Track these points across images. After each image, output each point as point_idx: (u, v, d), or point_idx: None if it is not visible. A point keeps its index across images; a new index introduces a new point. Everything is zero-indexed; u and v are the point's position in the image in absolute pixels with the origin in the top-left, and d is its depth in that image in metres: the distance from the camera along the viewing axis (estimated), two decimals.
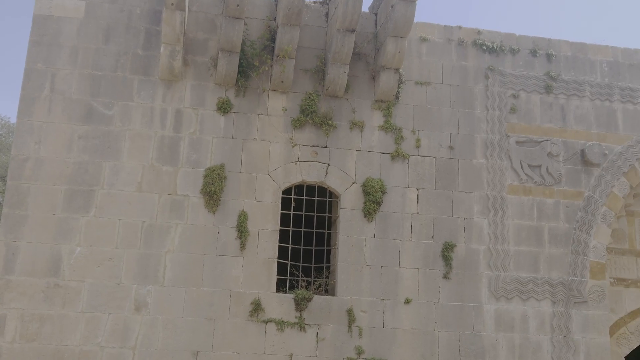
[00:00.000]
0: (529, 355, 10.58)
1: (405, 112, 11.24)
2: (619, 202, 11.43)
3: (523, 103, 11.57)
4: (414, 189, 10.95)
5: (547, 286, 10.86)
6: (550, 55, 11.85)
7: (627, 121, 11.80)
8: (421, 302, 10.52)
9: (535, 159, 11.34)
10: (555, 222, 11.16)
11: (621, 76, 11.99)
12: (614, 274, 11.68)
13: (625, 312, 11.58)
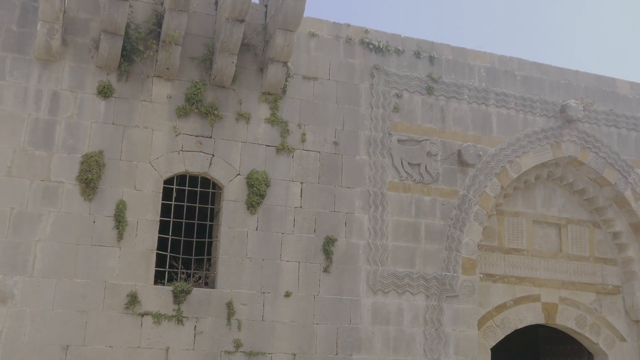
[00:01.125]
0: (402, 347, 10.95)
1: (292, 106, 11.27)
2: (490, 201, 12.03)
3: (406, 103, 11.92)
4: (298, 182, 11.01)
5: (422, 281, 11.26)
6: (433, 58, 12.27)
7: (501, 125, 12.43)
8: (301, 296, 10.61)
9: (415, 157, 11.72)
10: (432, 219, 11.59)
11: (497, 82, 12.62)
12: (484, 270, 12.30)
13: (492, 306, 12.23)
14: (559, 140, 12.69)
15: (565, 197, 13.26)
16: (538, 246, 12.88)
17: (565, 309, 12.73)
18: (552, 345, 14.20)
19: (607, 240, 13.36)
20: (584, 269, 13.06)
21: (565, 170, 13.03)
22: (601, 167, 12.87)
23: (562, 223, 13.10)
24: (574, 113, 12.64)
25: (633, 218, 13.03)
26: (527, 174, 12.65)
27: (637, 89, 13.67)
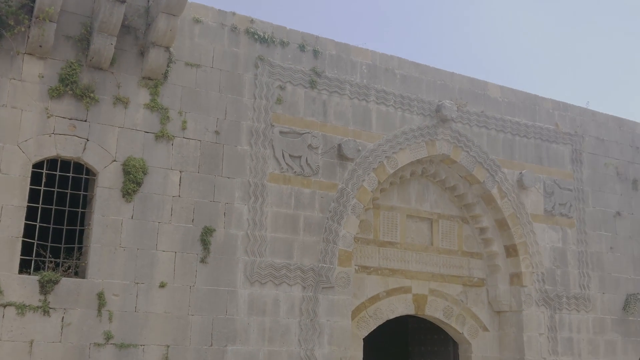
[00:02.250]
0: (277, 338, 11.02)
1: (173, 92, 11.01)
2: (367, 195, 12.34)
3: (289, 95, 11.96)
4: (177, 171, 10.78)
5: (299, 272, 11.38)
6: (317, 52, 12.39)
7: (380, 121, 12.77)
8: (177, 286, 10.42)
9: (296, 149, 11.80)
10: (311, 212, 11.73)
11: (377, 79, 12.93)
12: (359, 262, 12.61)
13: (366, 297, 12.58)
14: (434, 138, 13.21)
15: (438, 193, 13.85)
16: (411, 240, 13.38)
17: (434, 300, 13.31)
18: (421, 334, 14.81)
19: (474, 235, 14.09)
20: (453, 262, 13.71)
21: (439, 167, 13.60)
22: (471, 166, 13.53)
23: (434, 218, 13.68)
24: (449, 113, 13.20)
25: (498, 214, 13.80)
26: (403, 169, 13.08)
27: (506, 93, 14.48)
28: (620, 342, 14.66)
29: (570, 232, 14.51)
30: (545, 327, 13.70)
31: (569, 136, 15.05)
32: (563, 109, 15.19)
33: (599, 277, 14.69)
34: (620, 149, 15.88)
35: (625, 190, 15.67)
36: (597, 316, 14.45)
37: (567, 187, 14.69)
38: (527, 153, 14.36)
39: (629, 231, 15.46)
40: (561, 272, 14.18)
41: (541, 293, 13.77)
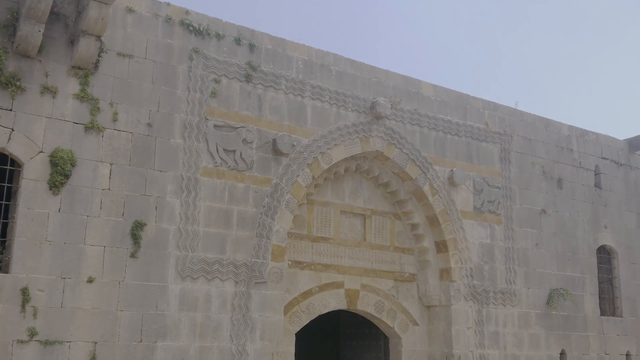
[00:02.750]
0: (209, 334, 10.92)
1: (104, 82, 10.73)
2: (302, 190, 12.36)
3: (224, 88, 11.85)
4: (107, 163, 10.53)
5: (232, 267, 11.30)
6: (253, 46, 12.31)
7: (315, 117, 12.80)
8: (105, 281, 10.18)
9: (230, 144, 11.70)
10: (244, 206, 11.66)
11: (313, 75, 12.96)
12: (292, 257, 12.62)
13: (299, 293, 12.61)
14: (368, 135, 13.34)
15: (371, 190, 14.00)
16: (344, 235, 13.48)
17: (365, 295, 13.46)
18: (353, 329, 14.96)
19: (406, 231, 14.32)
20: (385, 257, 13.89)
21: (372, 163, 13.75)
22: (404, 163, 13.74)
23: (367, 214, 13.82)
24: (383, 110, 13.35)
25: (429, 211, 14.06)
26: (337, 165, 13.16)
27: (439, 91, 14.75)
28: (544, 336, 15.19)
29: (497, 229, 14.92)
30: (473, 321, 14.05)
31: (498, 135, 15.47)
32: (493, 109, 15.59)
33: (524, 273, 15.18)
34: (547, 149, 16.43)
35: (551, 189, 16.23)
36: (522, 310, 14.92)
37: (495, 185, 15.09)
38: (458, 151, 14.68)
39: (553, 228, 16.02)
40: (489, 267, 14.58)
41: (469, 288, 14.12)
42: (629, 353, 16.86)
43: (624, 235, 17.60)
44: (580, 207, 16.73)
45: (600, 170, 17.50)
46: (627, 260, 17.53)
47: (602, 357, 16.22)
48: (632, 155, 18.46)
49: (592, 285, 16.49)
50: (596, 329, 16.26)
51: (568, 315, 15.74)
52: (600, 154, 17.62)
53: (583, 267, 16.40)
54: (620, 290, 17.21)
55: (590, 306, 16.28)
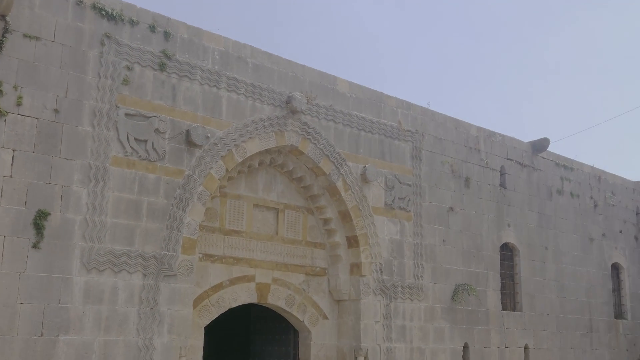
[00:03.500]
0: (114, 327, 10.64)
1: (8, 65, 10.23)
2: (215, 183, 12.22)
3: (137, 76, 11.54)
4: (9, 150, 10.05)
5: (141, 259, 11.04)
6: (168, 34, 12.05)
7: (230, 109, 12.67)
8: (4, 272, 9.73)
9: (142, 133, 11.42)
10: (155, 198, 11.41)
11: (229, 66, 12.82)
12: (204, 250, 12.47)
13: (209, 286, 12.47)
14: (283, 129, 13.33)
15: (285, 184, 14.02)
16: (256, 229, 13.43)
17: (276, 289, 13.47)
18: (263, 323, 14.94)
19: (318, 226, 14.42)
20: (296, 252, 13.95)
21: (287, 158, 13.75)
22: (318, 158, 13.82)
23: (280, 208, 13.83)
24: (298, 105, 13.38)
25: (342, 206, 14.22)
26: (252, 159, 13.10)
27: (354, 89, 14.92)
28: (448, 329, 15.67)
29: (407, 225, 15.26)
30: (381, 315, 14.32)
31: (410, 134, 15.81)
32: (406, 108, 15.92)
33: (431, 268, 15.60)
34: (456, 148, 16.93)
35: (459, 187, 16.74)
36: (428, 305, 15.34)
37: (406, 182, 15.43)
38: (371, 148, 14.91)
39: (460, 225, 16.54)
40: (398, 263, 14.90)
41: (379, 283, 14.38)
42: (527, 346, 17.65)
43: (525, 233, 18.39)
44: (485, 206, 17.35)
45: (506, 171, 18.21)
46: (528, 258, 18.33)
47: (502, 351, 16.90)
48: (535, 157, 19.31)
49: (495, 281, 17.15)
50: (497, 323, 16.92)
51: (471, 309, 16.30)
52: (505, 155, 18.32)
53: (487, 263, 17.03)
54: (520, 286, 17.98)
55: (492, 301, 16.92)
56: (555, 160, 20.07)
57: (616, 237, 21.85)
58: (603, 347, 20.31)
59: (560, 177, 20.07)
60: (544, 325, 18.31)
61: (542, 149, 19.27)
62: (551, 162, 19.89)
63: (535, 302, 18.24)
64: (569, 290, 19.44)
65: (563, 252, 19.52)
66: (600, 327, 20.32)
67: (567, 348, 18.91)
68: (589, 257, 20.47)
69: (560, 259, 19.39)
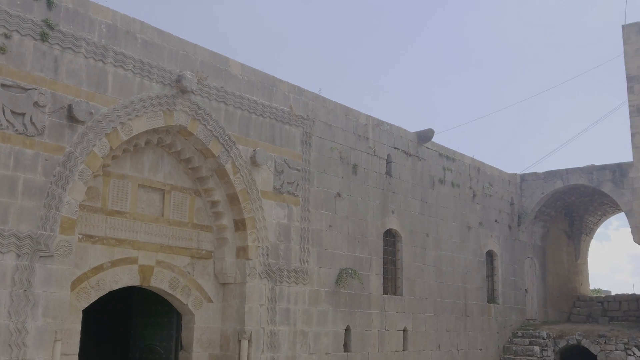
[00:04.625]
0: None
1: None
2: (97, 161, 11.76)
3: (15, 45, 10.87)
4: None
5: (14, 239, 10.47)
6: (52, 3, 11.41)
7: (117, 85, 12.22)
8: None
9: (20, 106, 10.79)
10: (32, 174, 10.85)
11: (117, 41, 12.34)
12: (84, 231, 12.01)
13: (89, 268, 12.04)
14: (172, 108, 13.02)
15: (172, 165, 13.72)
16: (141, 210, 13.09)
17: (160, 272, 13.21)
18: (145, 306, 14.63)
19: (205, 208, 14.25)
20: (182, 234, 13.72)
21: (175, 138, 13.46)
22: (207, 139, 13.62)
23: (167, 189, 13.54)
24: (189, 84, 13.10)
25: (230, 189, 14.11)
26: (138, 137, 12.71)
27: (247, 71, 14.79)
28: (331, 312, 15.98)
29: (295, 210, 15.38)
30: (266, 299, 14.39)
31: (301, 119, 15.90)
32: (298, 93, 15.98)
33: (317, 253, 15.82)
34: (345, 136, 17.21)
35: (346, 174, 17.05)
36: (313, 289, 15.56)
37: (295, 167, 15.52)
38: (261, 131, 14.87)
39: (346, 211, 16.87)
40: (284, 247, 15.00)
41: (265, 266, 14.42)
42: (406, 329, 18.32)
43: (408, 220, 19.02)
44: (371, 193, 17.78)
45: (392, 159, 18.72)
46: (410, 244, 18.98)
47: (383, 333, 17.45)
48: (420, 147, 19.97)
49: (378, 266, 17.65)
50: (379, 307, 17.44)
51: (354, 293, 16.70)
52: (392, 144, 18.82)
53: (371, 248, 17.48)
54: (402, 271, 18.61)
55: (374, 285, 17.41)
56: (438, 150, 20.85)
57: (492, 226, 23.05)
58: (476, 330, 21.43)
59: (443, 167, 20.88)
60: (422, 309, 19.05)
61: (427, 140, 19.96)
62: (435, 153, 20.64)
63: (415, 287, 18.94)
64: (446, 275, 20.32)
65: (443, 239, 20.37)
66: (474, 311, 21.41)
67: (443, 331, 19.80)
68: (466, 244, 21.48)
69: (440, 245, 20.23)
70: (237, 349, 13.85)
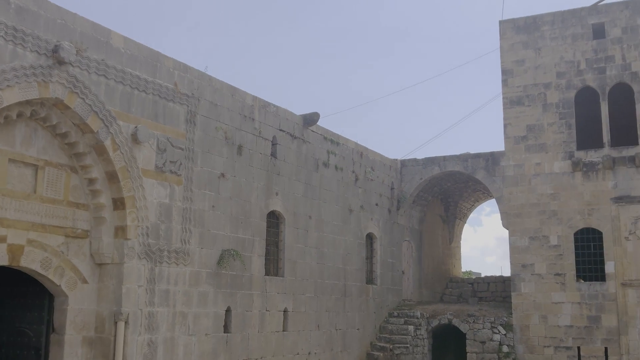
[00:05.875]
0: None
1: None
2: None
3: None
4: None
5: None
6: None
7: None
8: None
9: None
10: None
11: None
12: None
13: None
14: (48, 80, 12.35)
15: (47, 139, 13.04)
16: (11, 186, 12.37)
17: (31, 251, 12.58)
18: (15, 287, 13.90)
19: (82, 186, 13.67)
20: (56, 212, 13.10)
21: (51, 111, 12.80)
22: (86, 114, 13.05)
23: (40, 165, 12.85)
24: (67, 55, 12.47)
25: (109, 166, 13.62)
26: (9, 109, 11.98)
27: (130, 45, 14.27)
28: (212, 293, 15.87)
29: (177, 189, 15.09)
30: (145, 280, 14.07)
31: (186, 97, 15.57)
32: (183, 70, 15.63)
33: (199, 233, 15.63)
34: (231, 116, 17.05)
35: (231, 154, 16.92)
36: (194, 269, 15.38)
37: (179, 145, 15.21)
38: (144, 108, 14.43)
39: (230, 192, 16.76)
40: (165, 227, 14.69)
41: (144, 247, 14.08)
42: (286, 309, 18.53)
43: (292, 202, 19.17)
44: (256, 174, 17.76)
45: (277, 141, 18.76)
46: (293, 226, 19.16)
47: (263, 314, 17.56)
48: (306, 130, 20.14)
49: (261, 247, 17.70)
50: (260, 288, 17.51)
51: (236, 274, 16.68)
52: (278, 126, 18.86)
53: (254, 230, 17.49)
54: (284, 252, 18.77)
55: (256, 266, 17.46)
56: (323, 134, 21.12)
57: (372, 209, 23.69)
58: (354, 310, 22.02)
59: (327, 151, 21.18)
60: (303, 290, 19.33)
61: (312, 123, 20.16)
62: (320, 136, 20.89)
63: (296, 268, 19.17)
64: (328, 257, 20.71)
65: (325, 222, 20.71)
66: (353, 292, 21.98)
67: (322, 311, 20.19)
68: (347, 226, 21.96)
69: (322, 227, 20.56)
70: (113, 331, 13.46)
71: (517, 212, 23.13)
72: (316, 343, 19.77)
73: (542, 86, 23.42)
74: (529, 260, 22.66)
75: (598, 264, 21.84)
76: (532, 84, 23.54)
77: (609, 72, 22.49)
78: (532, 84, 23.55)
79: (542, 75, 23.47)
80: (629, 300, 21.07)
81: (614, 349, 21.02)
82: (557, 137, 22.94)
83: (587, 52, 22.91)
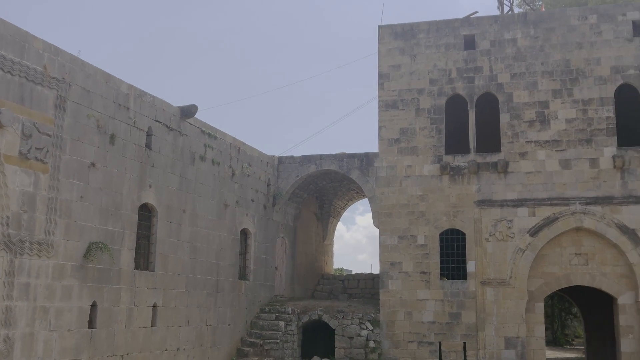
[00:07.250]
0: None
1: None
2: None
3: None
4: None
5: None
6: None
7: None
8: None
9: None
10: None
11: None
12: None
13: None
14: None
15: None
16: None
17: None
18: None
19: None
20: None
21: None
22: None
23: None
24: None
25: None
26: None
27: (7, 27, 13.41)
28: (77, 287, 15.22)
29: (43, 178, 14.34)
30: (3, 272, 13.27)
31: (56, 81, 14.82)
32: (54, 53, 14.87)
33: (65, 225, 14.94)
34: (104, 103, 16.42)
35: (103, 144, 16.29)
36: (58, 262, 14.68)
37: (46, 132, 14.45)
38: (9, 90, 13.59)
39: (101, 183, 16.14)
40: (28, 217, 13.92)
41: (4, 237, 13.27)
42: (155, 304, 18.11)
43: (166, 195, 18.76)
44: (129, 165, 17.22)
45: (152, 132, 18.29)
46: (166, 219, 18.76)
47: (131, 309, 17.06)
48: (183, 122, 19.77)
49: (131, 241, 17.19)
50: (129, 282, 17.01)
51: (104, 268, 16.09)
52: (154, 117, 18.39)
53: (124, 222, 16.95)
54: (155, 246, 18.33)
55: (126, 260, 16.93)
56: (201, 127, 20.82)
57: (248, 205, 23.66)
58: (226, 306, 21.89)
59: (204, 144, 20.91)
60: (174, 285, 18.97)
61: (190, 115, 19.82)
62: (197, 129, 20.58)
63: (168, 262, 18.78)
64: (201, 252, 20.45)
65: (199, 216, 20.44)
66: (225, 287, 21.84)
67: (193, 306, 19.92)
68: (222, 222, 21.79)
69: (197, 222, 20.27)
70: None
71: (388, 211, 23.89)
72: (185, 339, 19.48)
73: (415, 91, 24.31)
74: (397, 258, 23.46)
75: (461, 263, 22.98)
76: (407, 89, 24.38)
77: (477, 82, 23.73)
78: (406, 88, 24.39)
79: (416, 81, 24.37)
80: (487, 298, 22.36)
81: (472, 344, 22.22)
82: (428, 142, 23.91)
83: (459, 62, 24.04)
